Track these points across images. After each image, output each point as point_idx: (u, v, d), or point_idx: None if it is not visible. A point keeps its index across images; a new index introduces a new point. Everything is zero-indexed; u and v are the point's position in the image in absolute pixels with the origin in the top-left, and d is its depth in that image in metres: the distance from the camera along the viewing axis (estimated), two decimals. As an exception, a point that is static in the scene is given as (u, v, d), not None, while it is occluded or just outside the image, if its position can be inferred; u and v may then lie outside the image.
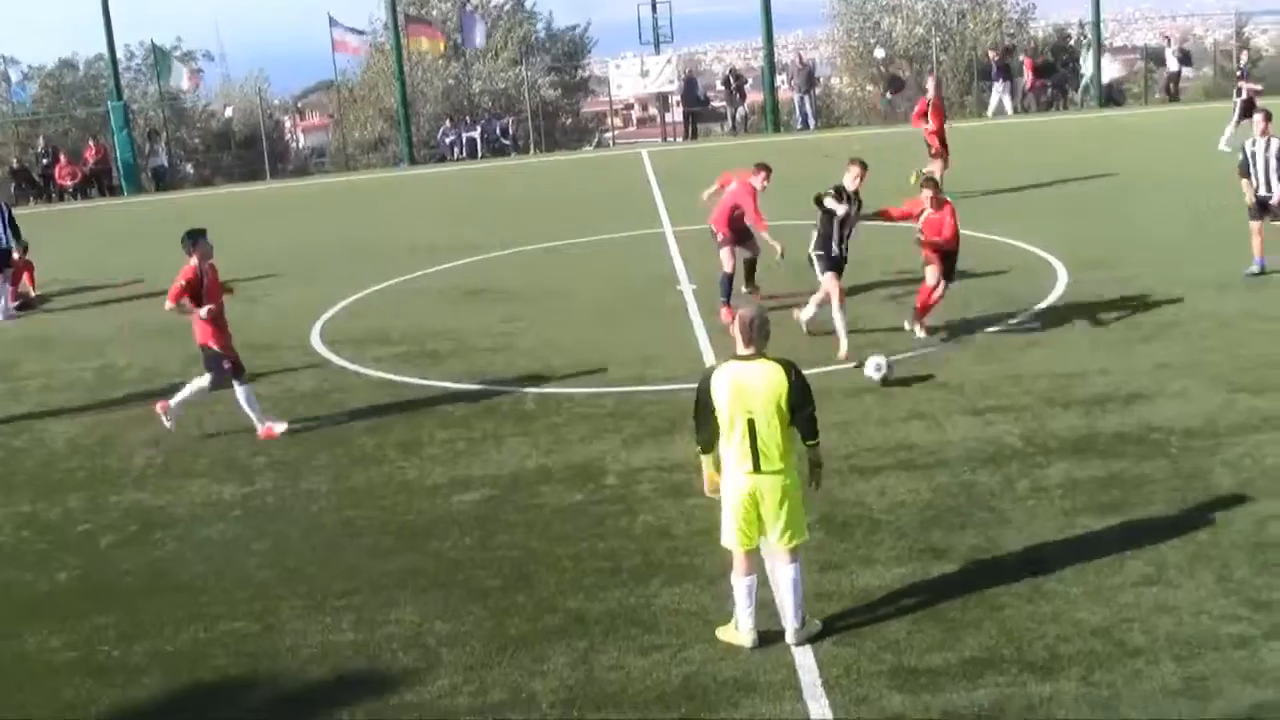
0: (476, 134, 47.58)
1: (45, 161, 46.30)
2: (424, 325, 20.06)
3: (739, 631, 9.57)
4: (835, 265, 16.80)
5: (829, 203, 16.55)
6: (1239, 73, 32.58)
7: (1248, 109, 30.79)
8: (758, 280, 19.52)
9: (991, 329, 17.26)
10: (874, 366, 15.39)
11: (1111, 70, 46.95)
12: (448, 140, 47.88)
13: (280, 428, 15.18)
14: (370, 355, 18.42)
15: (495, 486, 13.15)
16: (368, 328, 20.20)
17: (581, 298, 21.31)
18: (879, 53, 50.79)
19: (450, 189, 38.59)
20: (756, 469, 9.24)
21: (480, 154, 47.00)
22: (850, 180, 16.78)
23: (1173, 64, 47.68)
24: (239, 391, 15.17)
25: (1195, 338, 16.42)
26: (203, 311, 14.83)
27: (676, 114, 50.89)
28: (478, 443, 14.51)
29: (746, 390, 9.16)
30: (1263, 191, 19.35)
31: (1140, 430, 13.39)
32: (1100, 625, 9.51)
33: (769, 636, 9.55)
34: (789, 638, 9.48)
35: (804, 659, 9.30)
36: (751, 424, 9.15)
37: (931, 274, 17.06)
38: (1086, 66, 48.18)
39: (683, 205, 28.32)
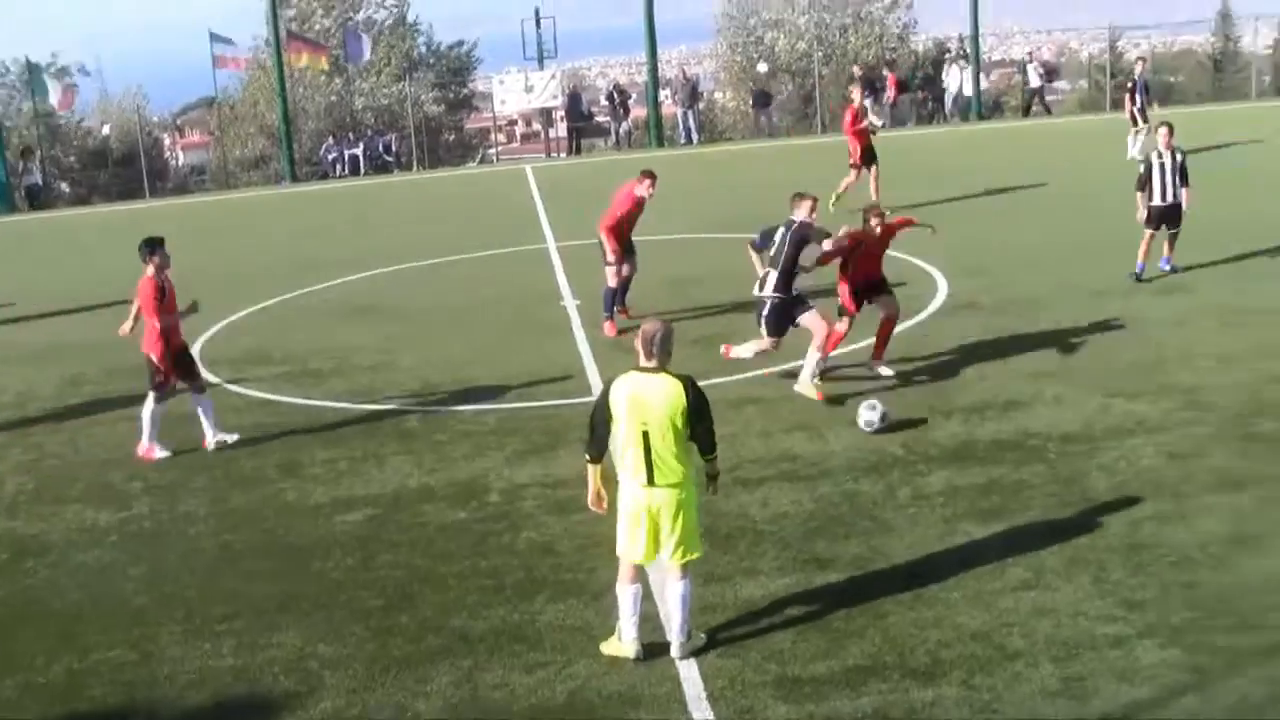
0: (359, 151, 47.24)
1: (-86, 181, 45.20)
2: (305, 344, 19.84)
3: (622, 642, 9.55)
4: (790, 313, 15.37)
5: (842, 233, 15.62)
6: (1130, 84, 33.27)
7: (1142, 115, 31.76)
8: (629, 300, 19.27)
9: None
10: (870, 417, 14.03)
11: (973, 83, 47.41)
12: (330, 157, 47.49)
13: (161, 454, 14.94)
14: (251, 375, 18.18)
15: (377, 506, 13.03)
16: (248, 347, 19.95)
17: (464, 314, 21.19)
18: (762, 67, 51.10)
19: (333, 206, 38.25)
20: (651, 481, 9.25)
21: (363, 171, 46.66)
22: (805, 212, 15.42)
23: (1035, 79, 48.43)
24: (148, 404, 14.97)
25: (1071, 344, 16.68)
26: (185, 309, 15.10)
27: (560, 129, 50.85)
28: (359, 462, 14.37)
29: (644, 402, 9.17)
30: (1169, 200, 19.73)
31: (1018, 436, 13.58)
32: (981, 630, 9.63)
33: (654, 649, 9.56)
34: (674, 651, 9.48)
35: (689, 671, 9.32)
36: (647, 436, 9.16)
37: (845, 322, 16.00)
38: (949, 81, 48.63)
39: (566, 221, 28.35)
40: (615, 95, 48.67)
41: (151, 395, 14.95)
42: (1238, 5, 58.05)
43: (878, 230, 15.83)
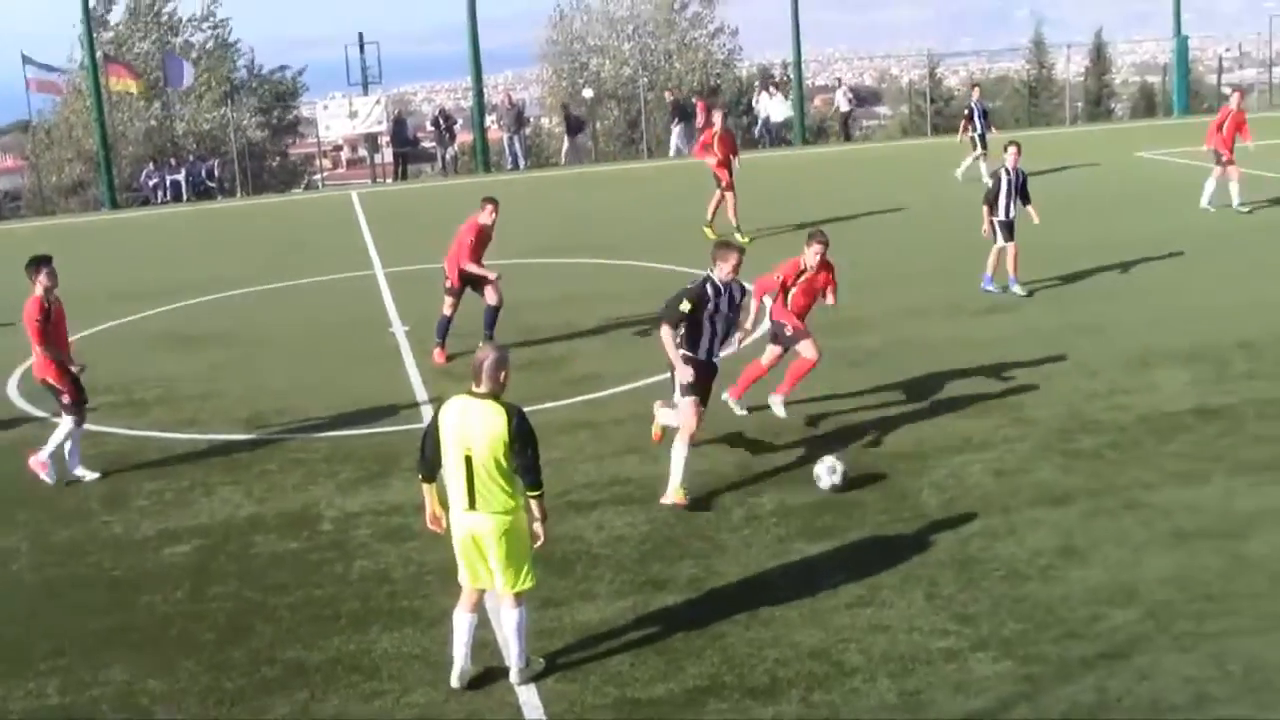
0: (181, 177, 46.33)
1: None
2: (129, 373, 19.36)
3: (451, 671, 9.46)
4: (703, 378, 13.18)
5: (685, 307, 12.90)
6: (967, 110, 34.17)
7: (981, 141, 32.80)
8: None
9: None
10: (828, 473, 12.82)
11: (781, 110, 47.97)
12: (151, 183, 46.49)
13: (91, 476, 14.72)
14: (71, 406, 17.69)
15: (207, 537, 12.77)
16: (68, 378, 19.40)
17: (292, 342, 20.90)
18: (587, 93, 51.30)
19: (155, 233, 37.47)
20: (472, 506, 9.18)
21: (185, 197, 45.78)
22: (725, 272, 13.10)
23: (844, 104, 49.28)
24: (66, 427, 14.64)
25: (901, 364, 16.97)
26: (75, 368, 14.61)
27: (386, 155, 50.43)
28: (187, 492, 14.07)
29: (467, 426, 9.11)
30: (1010, 216, 20.54)
31: (851, 455, 13.75)
32: (818, 647, 9.74)
33: (494, 674, 9.51)
34: (513, 677, 9.45)
35: (528, 697, 9.29)
36: (470, 461, 9.09)
37: (809, 347, 14.96)
38: (759, 108, 48.96)
39: (394, 247, 28.15)
40: (441, 121, 48.42)
41: (70, 420, 14.62)
42: (1051, 34, 59.99)
43: (817, 258, 14.83)
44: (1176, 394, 15.27)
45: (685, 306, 12.93)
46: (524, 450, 9.16)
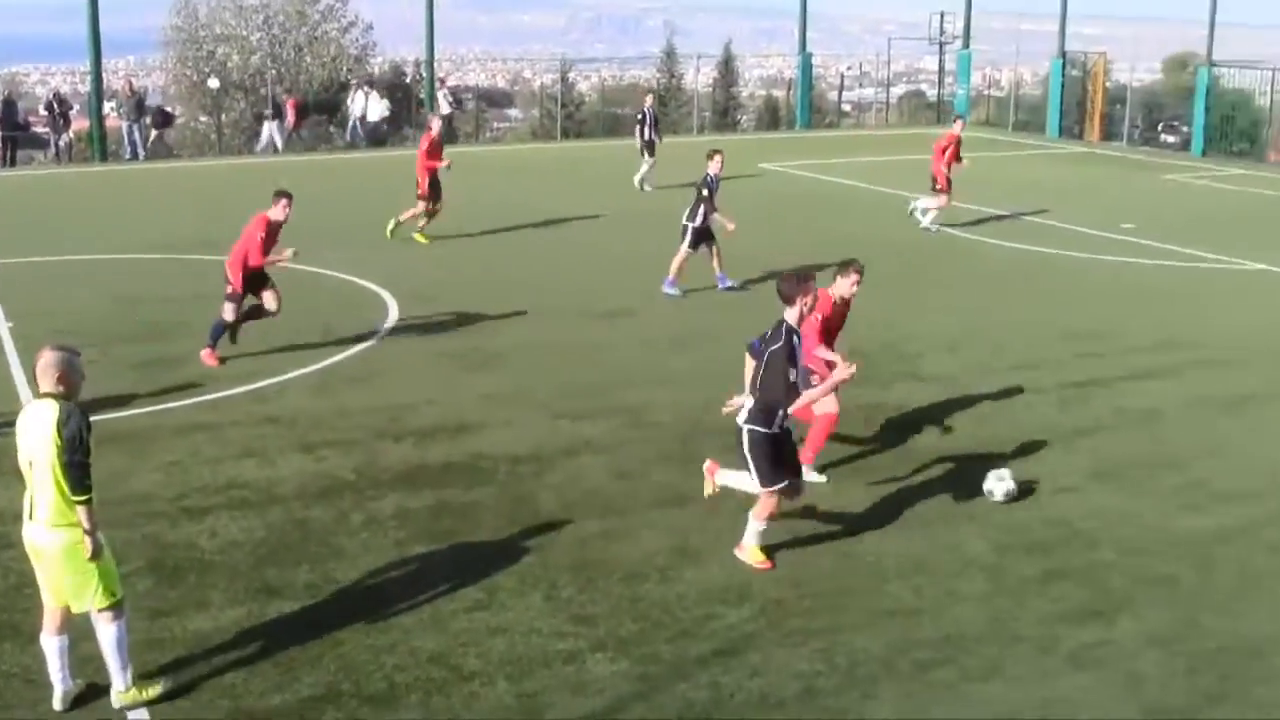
0: None
1: None
2: None
3: (53, 694, 8.97)
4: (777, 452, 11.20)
5: (794, 377, 10.95)
6: (640, 116, 34.69)
7: (650, 148, 33.89)
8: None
9: (323, 363, 17.22)
10: (1010, 487, 12.47)
11: (379, 110, 47.55)
12: None
13: None
14: None
15: None
16: None
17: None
18: (213, 83, 49.90)
19: None
20: (32, 516, 8.71)
21: None
22: (796, 315, 11.09)
23: (445, 107, 49.42)
24: None
25: (520, 367, 17.07)
26: None
27: (-6, 139, 47.87)
28: None
29: (26, 431, 8.66)
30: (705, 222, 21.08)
31: (469, 459, 13.76)
32: (436, 652, 9.71)
33: (101, 690, 9.08)
34: (113, 700, 8.98)
35: (136, 713, 8.91)
36: (31, 466, 8.63)
37: (831, 401, 12.95)
38: (354, 107, 48.20)
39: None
40: (55, 105, 46.29)
41: None
42: (682, 45, 61.51)
43: (854, 288, 13.38)
44: (789, 398, 15.80)
45: (794, 376, 10.91)
46: (69, 450, 8.47)
